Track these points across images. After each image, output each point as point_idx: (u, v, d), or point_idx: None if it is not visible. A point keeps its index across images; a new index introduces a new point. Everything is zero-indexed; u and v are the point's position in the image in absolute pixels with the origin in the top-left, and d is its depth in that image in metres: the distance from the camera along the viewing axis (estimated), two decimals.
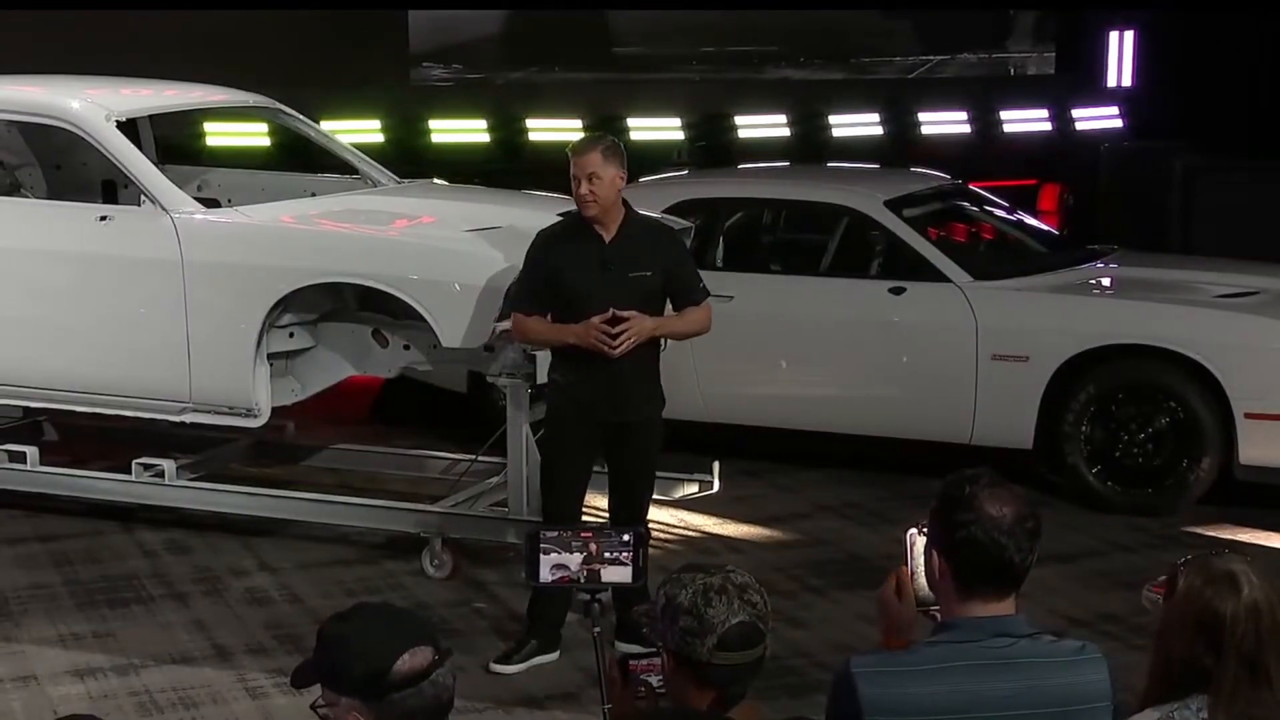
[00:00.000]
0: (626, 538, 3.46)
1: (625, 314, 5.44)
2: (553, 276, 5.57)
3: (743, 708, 2.86)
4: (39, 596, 6.43)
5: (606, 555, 3.51)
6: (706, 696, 2.83)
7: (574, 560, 3.48)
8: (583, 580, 3.52)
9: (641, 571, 3.45)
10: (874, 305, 7.85)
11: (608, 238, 5.51)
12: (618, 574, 3.54)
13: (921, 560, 2.88)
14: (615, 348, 5.43)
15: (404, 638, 2.53)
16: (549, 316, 5.63)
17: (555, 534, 3.56)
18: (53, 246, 6.88)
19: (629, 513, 5.69)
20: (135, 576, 6.67)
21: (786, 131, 13.25)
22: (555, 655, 5.72)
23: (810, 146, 12.83)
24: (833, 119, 13.44)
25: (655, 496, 7.27)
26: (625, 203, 5.56)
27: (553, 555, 3.50)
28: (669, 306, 5.71)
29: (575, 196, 5.53)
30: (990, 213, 8.85)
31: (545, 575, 3.48)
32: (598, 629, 3.34)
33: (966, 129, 13.93)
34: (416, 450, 7.75)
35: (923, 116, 13.83)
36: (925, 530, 2.84)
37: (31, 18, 10.88)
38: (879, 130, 13.57)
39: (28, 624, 6.14)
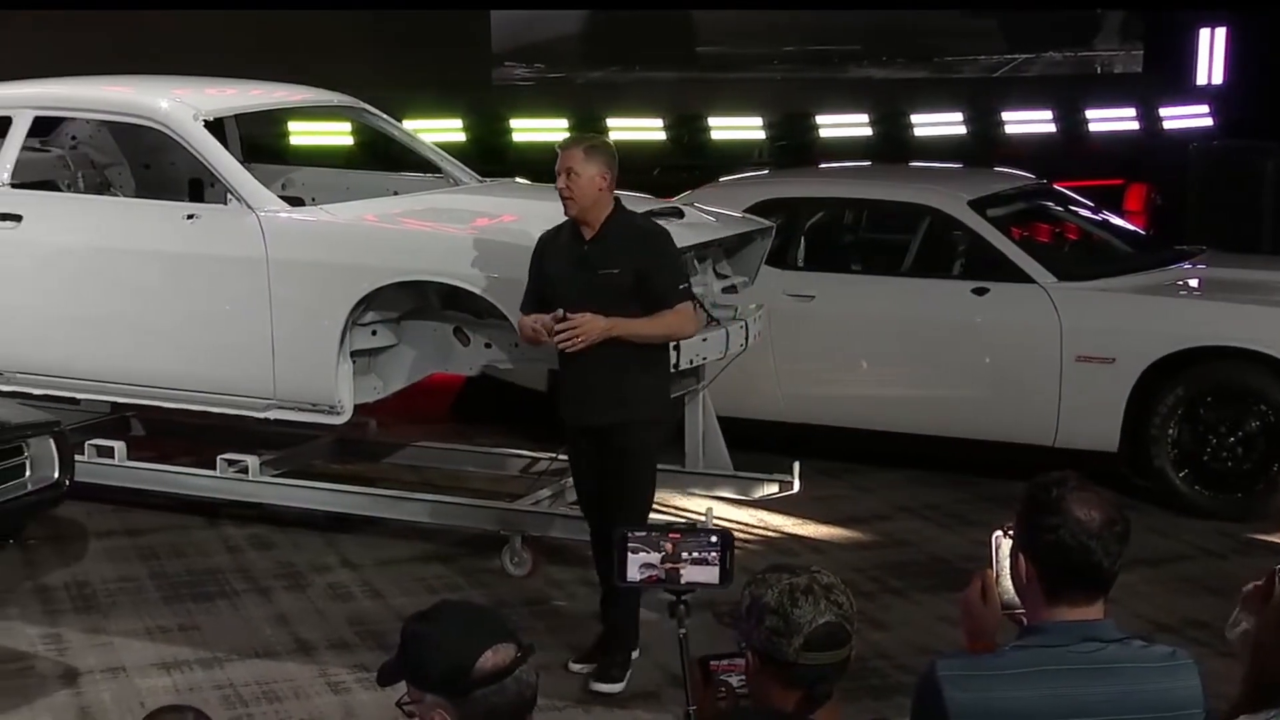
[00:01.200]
0: (714, 539, 3.44)
1: (576, 315, 5.40)
2: (542, 274, 5.62)
3: (827, 709, 2.85)
4: (126, 589, 6.52)
5: (694, 556, 3.49)
6: (792, 697, 2.82)
7: (661, 560, 3.47)
8: (669, 580, 3.50)
9: (729, 573, 3.43)
10: (956, 306, 7.78)
11: (588, 236, 5.51)
12: (704, 574, 3.52)
13: (1007, 563, 2.85)
14: (566, 347, 5.43)
15: (486, 635, 2.54)
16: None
17: (643, 534, 3.55)
18: (141, 245, 6.97)
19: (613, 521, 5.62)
20: (220, 571, 6.74)
21: (868, 131, 13.19)
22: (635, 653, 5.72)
23: (892, 146, 12.76)
24: (915, 118, 13.35)
25: (735, 496, 7.35)
26: (618, 203, 5.54)
27: (641, 555, 3.48)
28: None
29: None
30: (1075, 213, 8.75)
31: (633, 575, 3.47)
32: (683, 630, 3.33)
33: (1052, 128, 13.80)
34: (497, 448, 7.78)
35: (1007, 116, 13.71)
36: (1011, 533, 2.81)
37: (122, 17, 11.04)
38: (962, 130, 13.47)
39: (116, 616, 6.23)
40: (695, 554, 3.51)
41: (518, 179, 8.01)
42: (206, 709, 4.54)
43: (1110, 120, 14.03)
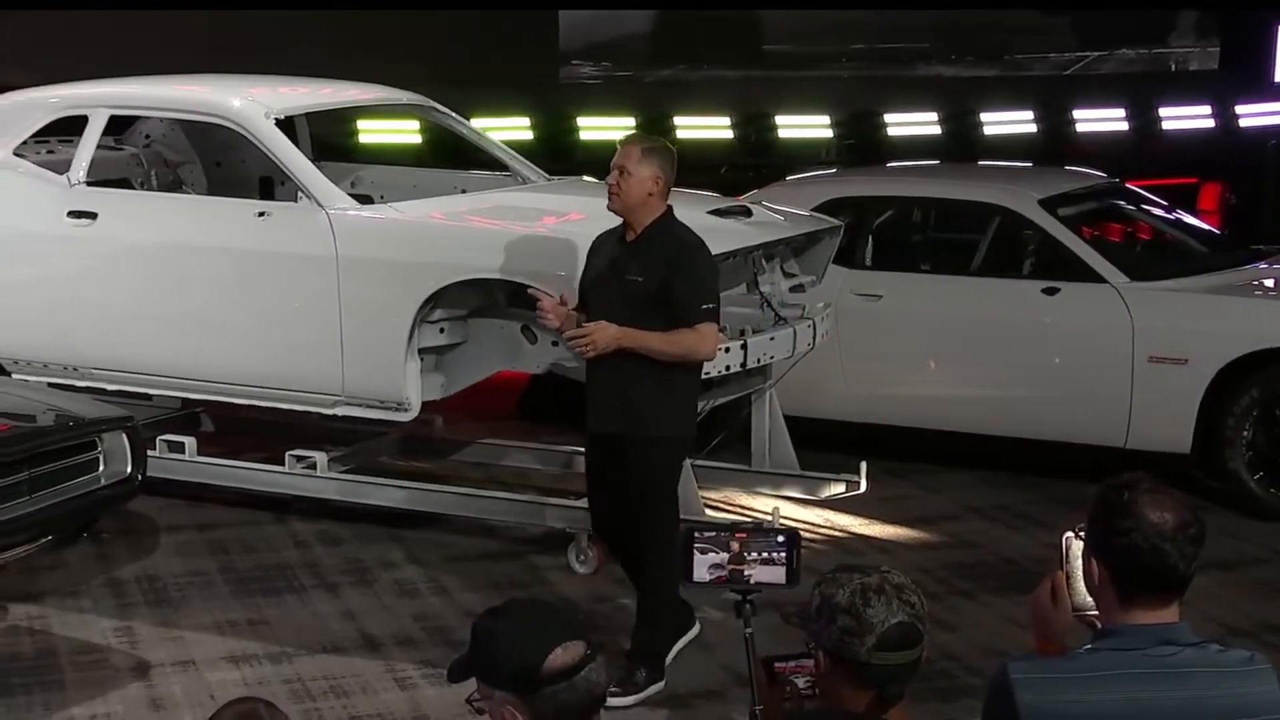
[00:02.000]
0: (781, 539, 3.42)
1: (590, 323, 5.34)
2: (587, 273, 5.61)
3: (898, 710, 2.83)
4: (196, 583, 6.58)
5: (761, 556, 3.47)
6: (863, 697, 2.80)
7: (728, 560, 3.45)
8: (736, 581, 3.48)
9: (795, 573, 3.41)
10: (1026, 305, 7.72)
11: (629, 239, 5.44)
12: (771, 575, 3.50)
13: (1078, 565, 2.82)
14: (579, 353, 5.39)
15: (556, 633, 2.55)
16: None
17: (710, 534, 3.53)
18: (212, 242, 7.03)
19: (630, 533, 5.58)
20: (288, 566, 6.79)
21: (937, 129, 13.10)
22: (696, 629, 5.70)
23: (961, 145, 12.67)
24: (985, 116, 13.25)
25: (801, 496, 7.32)
26: (668, 212, 5.43)
27: (708, 555, 3.46)
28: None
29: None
30: (1148, 212, 8.65)
31: (700, 575, 3.45)
32: (749, 630, 3.31)
33: (1124, 126, 13.65)
34: (563, 446, 7.79)
35: (1078, 114, 13.57)
36: (1082, 534, 2.78)
37: (204, 17, 11.15)
38: (1032, 128, 13.35)
39: (186, 610, 6.29)
40: (762, 554, 3.49)
41: (585, 177, 8.00)
42: (275, 703, 4.57)
43: (1185, 118, 13.86)
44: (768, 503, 7.29)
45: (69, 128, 7.62)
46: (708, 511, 6.80)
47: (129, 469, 6.04)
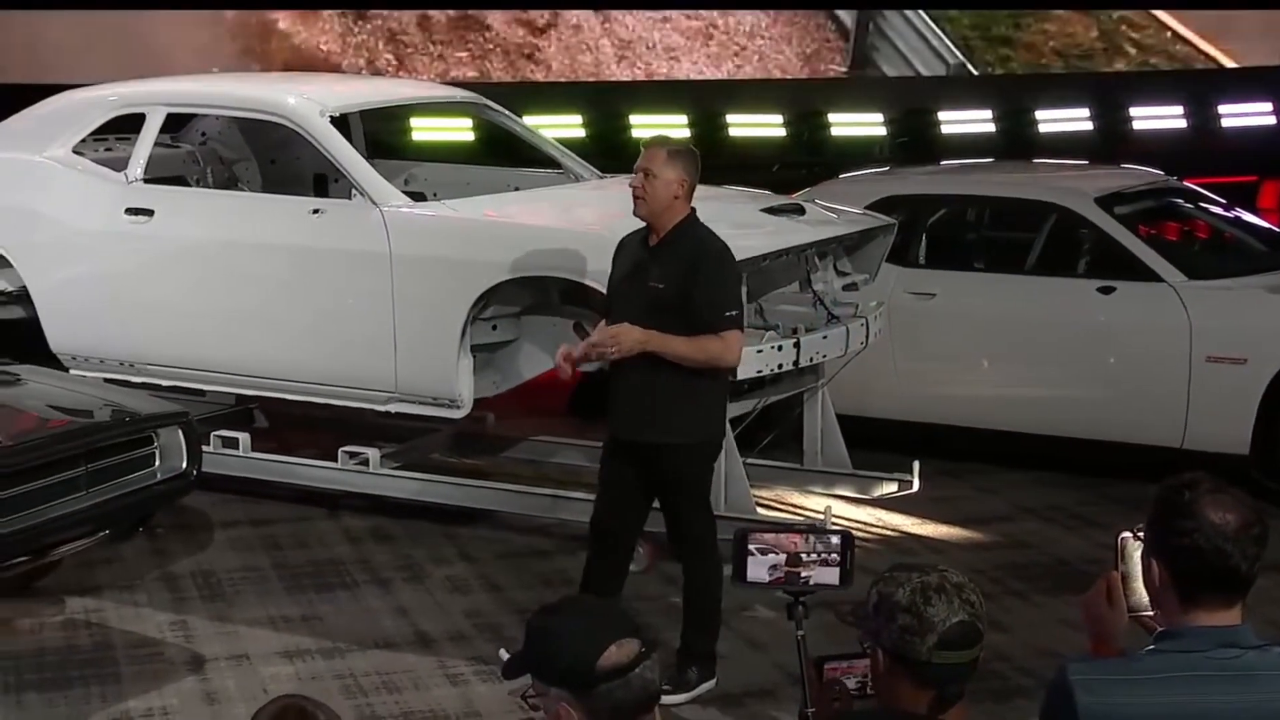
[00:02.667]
0: (835, 540, 3.40)
1: (615, 325, 5.30)
2: (612, 276, 5.57)
3: (956, 710, 2.81)
4: (250, 579, 6.62)
5: (814, 556, 3.45)
6: (923, 697, 2.79)
7: (781, 561, 3.43)
8: (790, 582, 3.46)
9: (849, 574, 3.39)
10: (1082, 304, 7.66)
11: (653, 243, 5.39)
12: (825, 575, 3.48)
13: (1134, 566, 2.79)
14: (600, 356, 5.37)
15: (610, 630, 2.55)
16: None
17: (765, 535, 3.51)
18: (267, 239, 7.07)
19: (672, 537, 5.60)
20: (340, 562, 6.82)
21: (991, 127, 13.02)
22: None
23: (1016, 143, 12.58)
24: (1040, 114, 13.15)
25: (854, 495, 7.29)
26: (692, 215, 5.37)
27: (762, 556, 3.44)
28: None
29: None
30: (1206, 210, 8.57)
31: (754, 575, 3.43)
32: (801, 632, 3.30)
33: (1182, 124, 13.51)
34: None
35: (1135, 111, 13.45)
36: (1139, 535, 2.75)
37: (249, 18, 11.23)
38: (1089, 126, 13.24)
39: (240, 605, 6.33)
40: (816, 555, 3.47)
41: None
42: (327, 698, 4.60)
43: (1244, 115, 13.71)
44: (820, 502, 7.26)
45: (127, 126, 7.68)
46: (760, 510, 6.78)
47: (184, 464, 6.08)
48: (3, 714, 5.38)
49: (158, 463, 6.05)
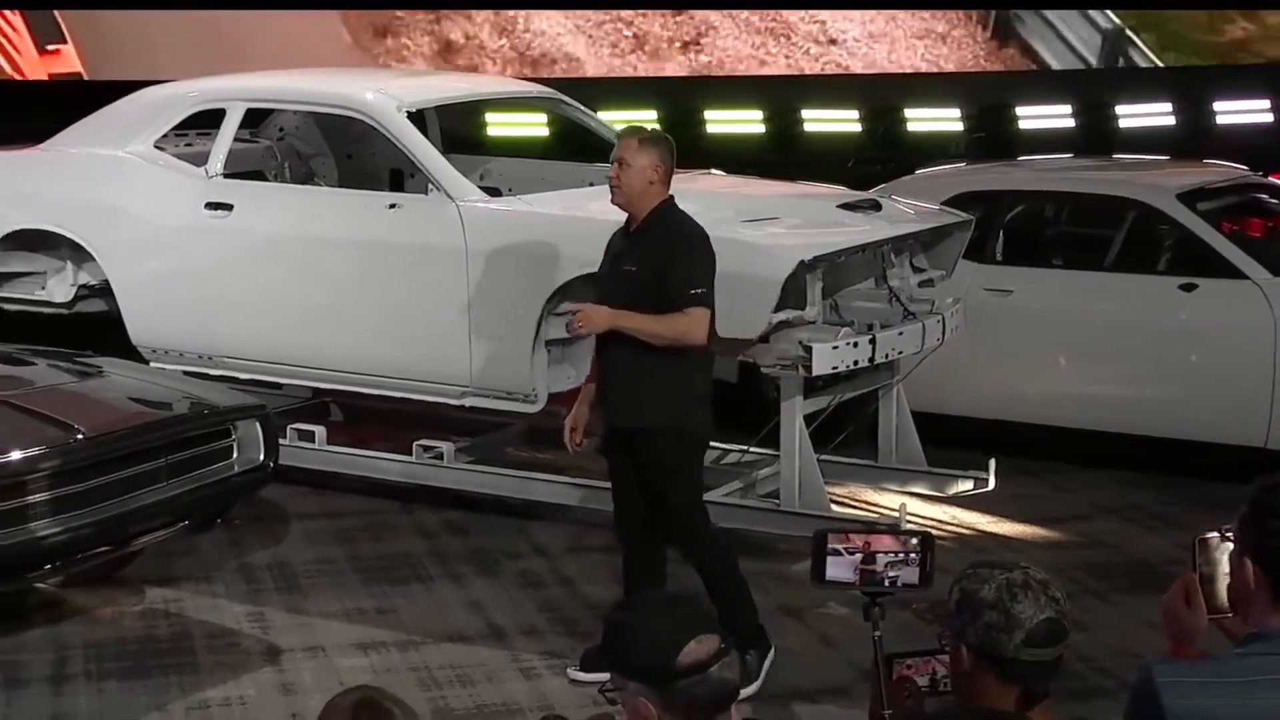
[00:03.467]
0: (915, 540, 3.37)
1: (584, 305, 5.40)
2: (601, 266, 5.63)
3: (1042, 708, 2.79)
4: (325, 571, 6.67)
5: (894, 557, 3.42)
6: (1008, 694, 2.77)
7: (860, 561, 3.40)
8: (869, 582, 3.43)
9: (929, 574, 3.36)
10: (1162, 302, 7.56)
11: (631, 229, 5.45)
12: (905, 576, 3.45)
13: (1216, 567, 2.75)
14: (572, 333, 5.43)
15: (689, 626, 2.55)
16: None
17: (844, 534, 3.48)
18: (344, 234, 7.12)
19: (659, 525, 5.57)
20: (414, 555, 6.86)
21: (1070, 122, 12.88)
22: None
23: (1096, 138, 12.45)
24: (1120, 109, 13.00)
25: (929, 492, 7.24)
26: (669, 202, 5.41)
27: (841, 556, 3.41)
28: None
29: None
30: None
31: (832, 575, 3.41)
32: (878, 633, 3.27)
33: (1269, 118, 13.30)
34: None
35: (1219, 106, 13.26)
36: (1228, 535, 2.71)
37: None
38: (1170, 120, 13.08)
39: (315, 597, 6.38)
40: (896, 555, 3.43)
41: (713, 170, 7.98)
42: (402, 691, 4.62)
43: None
44: (894, 499, 7.20)
45: (206, 121, 7.75)
46: (834, 507, 6.75)
47: (261, 457, 6.13)
48: (85, 702, 5.45)
49: (235, 455, 6.10)
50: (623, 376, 5.42)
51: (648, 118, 11.82)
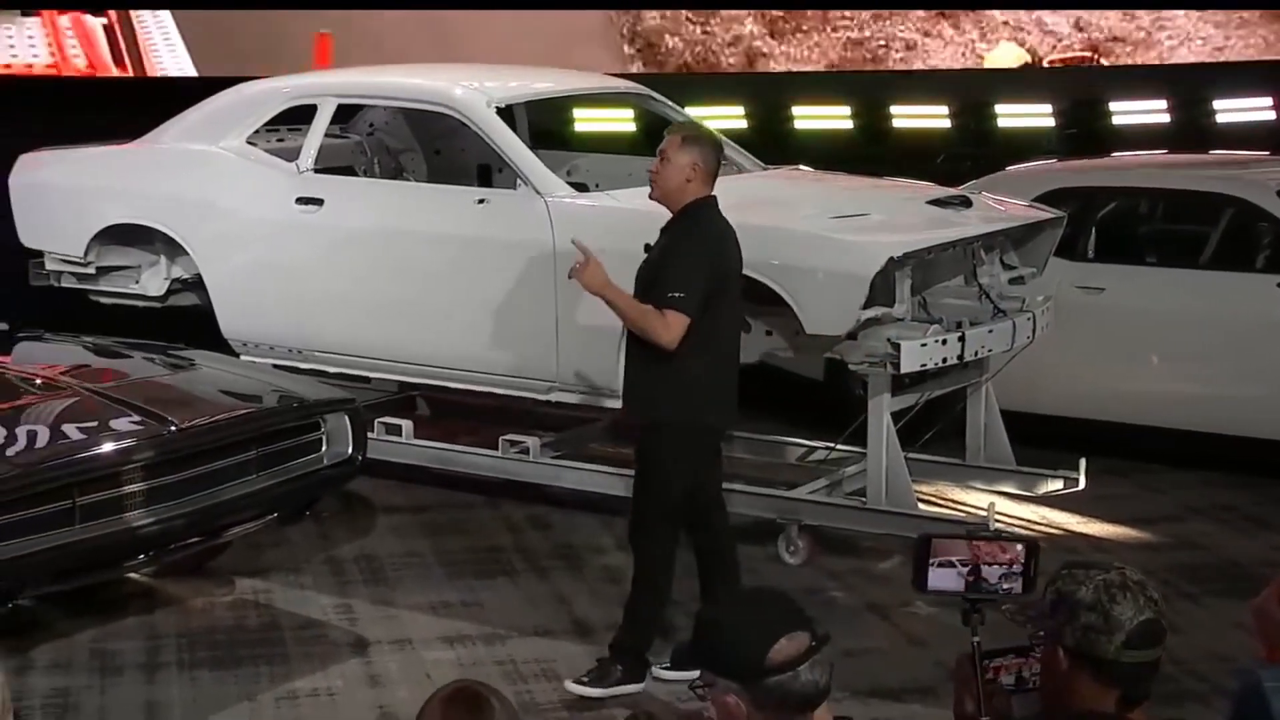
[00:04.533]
0: (1019, 547, 3.32)
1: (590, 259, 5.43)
2: None
3: (1142, 710, 2.76)
4: (412, 564, 6.71)
5: (997, 563, 3.36)
6: (1108, 696, 2.74)
7: (963, 568, 3.35)
8: (972, 589, 3.37)
9: (1033, 580, 3.32)
10: (1260, 301, 7.44)
11: (666, 224, 5.48)
12: (1008, 583, 3.40)
13: None
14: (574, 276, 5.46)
15: (780, 624, 2.53)
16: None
17: (946, 540, 3.44)
18: (433, 229, 7.15)
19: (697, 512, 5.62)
20: (500, 549, 6.89)
21: (1166, 118, 12.68)
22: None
23: (1192, 134, 12.24)
24: (1218, 104, 12.78)
25: (1017, 492, 7.16)
26: (704, 201, 5.39)
27: (945, 562, 3.36)
28: None
29: None
30: None
31: (935, 583, 3.37)
32: (977, 639, 3.23)
33: None
34: (773, 436, 7.74)
35: None
36: None
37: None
38: (1271, 115, 12.83)
39: (402, 590, 6.42)
40: (999, 562, 3.38)
41: (801, 166, 7.95)
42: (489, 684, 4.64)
43: None
44: (982, 498, 7.14)
45: (297, 117, 7.83)
46: (921, 505, 6.70)
47: (350, 450, 6.18)
48: (178, 690, 5.52)
49: (324, 448, 6.15)
50: (630, 369, 5.50)
51: (734, 113, 11.82)
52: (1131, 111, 12.68)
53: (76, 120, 8.87)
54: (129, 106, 9.22)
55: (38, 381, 6.09)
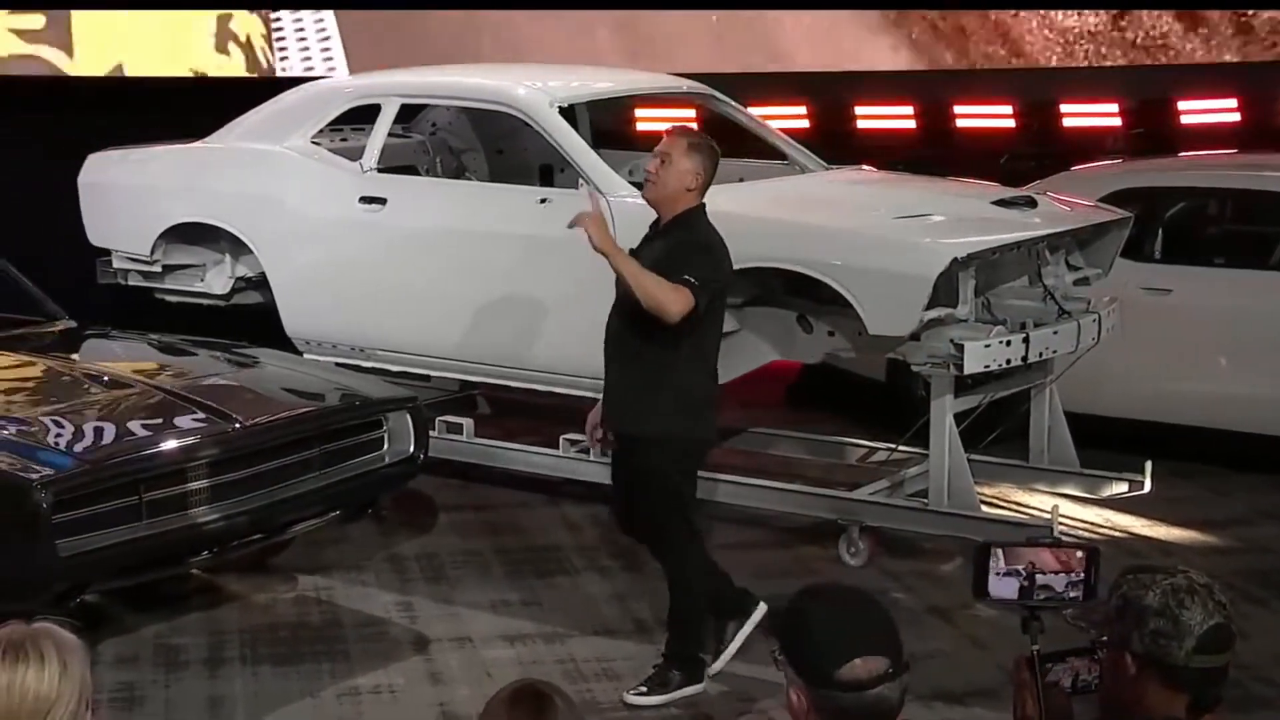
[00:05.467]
0: (1080, 554, 3.28)
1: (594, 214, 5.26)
2: None
3: (1213, 715, 2.72)
4: (472, 562, 6.74)
5: (1058, 571, 3.33)
6: (1178, 702, 2.70)
7: (1023, 576, 3.31)
8: (1031, 596, 3.34)
9: (1094, 588, 3.28)
10: None
11: (655, 228, 5.39)
12: (1069, 591, 3.35)
13: None
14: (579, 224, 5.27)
15: (864, 643, 2.50)
16: None
17: (1007, 547, 3.40)
18: (495, 228, 7.17)
19: (640, 536, 5.58)
20: (560, 548, 6.89)
21: (1236, 117, 12.51)
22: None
23: (1263, 133, 12.07)
24: None
25: (1081, 494, 7.10)
26: (698, 211, 5.31)
27: (1005, 569, 3.32)
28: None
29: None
30: None
31: (996, 591, 3.34)
32: (1037, 647, 3.20)
33: None
34: (835, 436, 7.71)
35: None
36: None
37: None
38: None
39: (462, 587, 6.44)
40: (1059, 569, 3.34)
41: (864, 166, 7.91)
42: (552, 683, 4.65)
43: None
44: (1045, 500, 7.09)
45: (361, 116, 7.86)
46: (983, 508, 6.65)
47: (411, 448, 6.21)
48: (241, 685, 5.56)
49: (386, 446, 6.18)
50: (620, 382, 5.38)
51: (797, 113, 11.77)
52: (1200, 111, 12.52)
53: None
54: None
55: (105, 379, 6.16)
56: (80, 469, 5.24)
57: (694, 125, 10.68)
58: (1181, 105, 12.57)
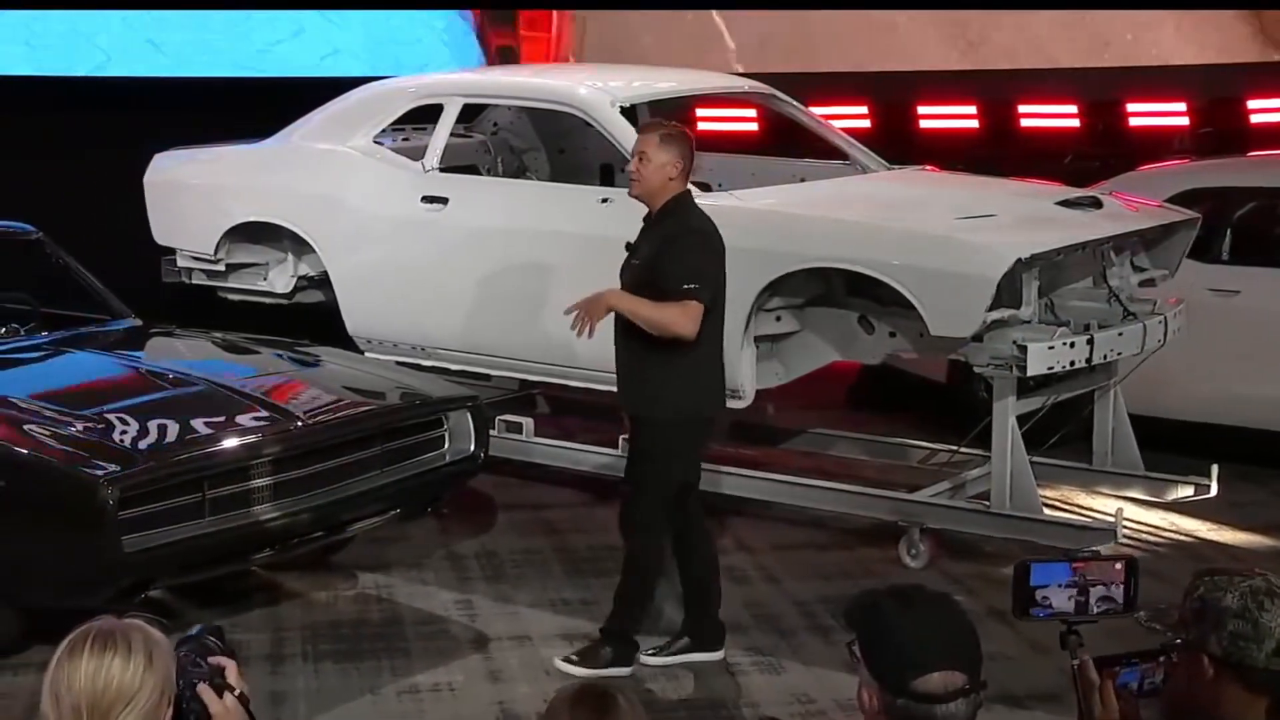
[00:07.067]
0: (1119, 565, 3.24)
1: (585, 299, 5.42)
2: None
3: None
4: (531, 561, 6.75)
5: (1097, 583, 3.29)
6: (1257, 705, 2.67)
7: (1065, 592, 3.27)
8: (1075, 611, 3.30)
9: (1134, 599, 3.24)
10: None
11: (648, 223, 5.47)
12: (1108, 603, 3.32)
13: None
14: (579, 332, 5.42)
15: (944, 656, 2.48)
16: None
17: (1048, 563, 3.36)
18: (557, 227, 7.17)
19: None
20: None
21: None
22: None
23: None
24: None
25: (1145, 498, 7.03)
26: (685, 198, 5.44)
27: (1047, 586, 3.28)
28: None
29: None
30: None
31: (1037, 610, 3.30)
32: (1076, 661, 3.17)
33: None
34: (895, 438, 7.67)
35: None
36: None
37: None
38: None
39: (522, 586, 6.46)
40: (1098, 581, 3.30)
41: (926, 167, 7.86)
42: (608, 682, 4.65)
43: None
44: (1109, 503, 7.02)
45: (423, 116, 7.89)
46: (1045, 510, 6.59)
47: (472, 447, 6.23)
48: (303, 681, 5.60)
49: (447, 445, 6.21)
50: (626, 363, 5.54)
51: (858, 112, 11.72)
52: (1270, 110, 12.36)
53: None
54: None
55: (169, 376, 6.22)
56: (145, 466, 5.30)
57: (755, 125, 10.74)
58: (1251, 104, 12.42)
